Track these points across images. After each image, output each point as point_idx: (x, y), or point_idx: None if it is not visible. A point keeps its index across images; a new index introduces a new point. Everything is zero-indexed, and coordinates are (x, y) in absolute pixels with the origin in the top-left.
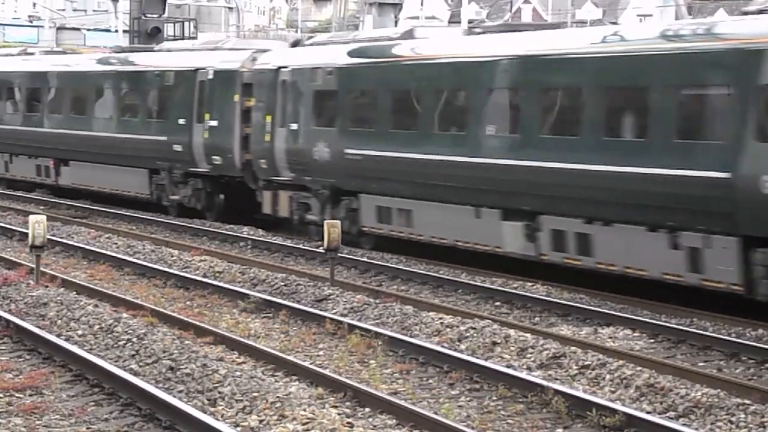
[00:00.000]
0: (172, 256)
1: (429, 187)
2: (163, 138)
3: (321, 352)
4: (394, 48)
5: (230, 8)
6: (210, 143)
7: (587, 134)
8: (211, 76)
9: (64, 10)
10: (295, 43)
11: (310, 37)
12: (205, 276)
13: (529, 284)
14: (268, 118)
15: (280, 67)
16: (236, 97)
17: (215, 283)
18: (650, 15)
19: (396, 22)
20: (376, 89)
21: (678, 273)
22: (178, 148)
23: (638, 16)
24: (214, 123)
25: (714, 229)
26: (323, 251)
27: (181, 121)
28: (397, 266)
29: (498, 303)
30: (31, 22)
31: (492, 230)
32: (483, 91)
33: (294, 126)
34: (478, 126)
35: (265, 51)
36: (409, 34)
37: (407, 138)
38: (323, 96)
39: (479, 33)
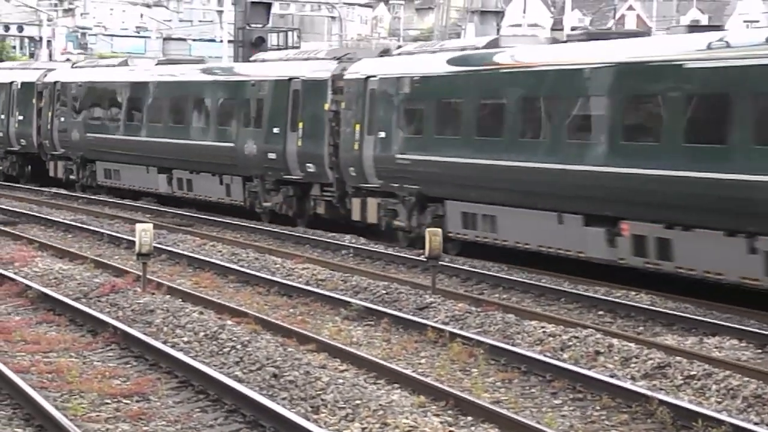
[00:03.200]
0: (275, 264)
1: (129, 156)
2: None
3: (423, 360)
4: (108, 73)
5: (333, 18)
6: (19, 131)
7: (197, 125)
8: (19, 86)
9: (170, 20)
10: (73, 64)
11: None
12: (307, 284)
13: (633, 293)
14: (49, 113)
15: (56, 81)
16: (34, 100)
17: (318, 290)
18: (757, 21)
19: (498, 30)
20: (86, 97)
21: (222, 197)
22: (0, 134)
23: (745, 22)
24: (21, 117)
25: (232, 173)
26: (425, 259)
27: (2, 116)
28: (498, 274)
29: (601, 312)
30: (138, 33)
31: (153, 179)
32: (146, 100)
33: (63, 119)
34: (145, 119)
35: (52, 70)
36: (123, 63)
37: (115, 126)
38: (73, 100)
39: (164, 64)
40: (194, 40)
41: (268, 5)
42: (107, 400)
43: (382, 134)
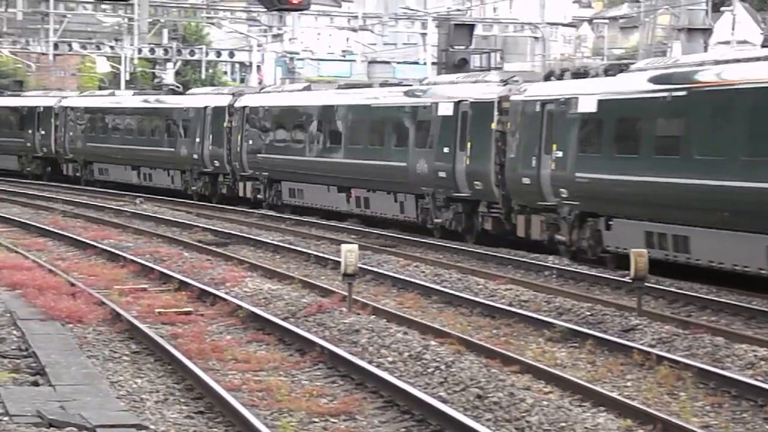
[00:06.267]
0: (478, 285)
1: (114, 159)
2: None
3: (629, 383)
4: (99, 100)
5: (536, 38)
6: (41, 142)
7: (122, 141)
8: (41, 110)
9: (375, 44)
10: (81, 93)
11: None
12: (510, 305)
13: None
14: (63, 128)
15: (66, 106)
16: (52, 119)
17: (521, 312)
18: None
19: (705, 48)
20: (84, 117)
21: (169, 185)
22: (28, 144)
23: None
24: (43, 132)
25: (178, 169)
26: (630, 281)
27: (30, 132)
28: (706, 296)
29: None
30: (344, 56)
31: (128, 174)
32: (119, 121)
33: (71, 132)
34: (122, 133)
35: (65, 97)
36: (111, 93)
37: (104, 138)
38: (75, 119)
39: (140, 94)
40: (398, 62)
41: (472, 27)
42: (315, 418)
43: (251, 141)
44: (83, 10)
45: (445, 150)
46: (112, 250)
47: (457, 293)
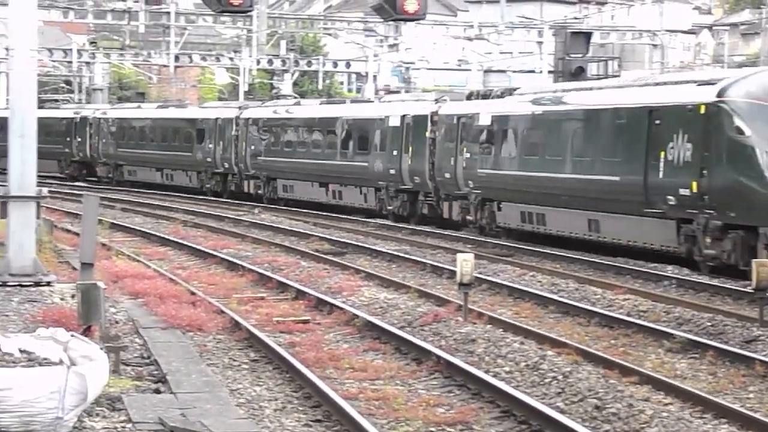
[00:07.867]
0: (595, 295)
1: (141, 162)
2: None
3: (751, 395)
4: (134, 112)
5: (654, 45)
6: (78, 148)
7: (149, 145)
8: (78, 120)
9: (490, 53)
10: (113, 106)
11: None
12: (628, 315)
13: None
14: (97, 136)
15: (93, 116)
16: (87, 128)
17: (639, 322)
18: None
19: None
20: (117, 127)
21: (189, 183)
22: (66, 150)
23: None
24: (79, 140)
25: (198, 170)
26: (752, 291)
27: (68, 139)
28: None
29: None
30: (459, 66)
31: (153, 174)
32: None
33: (104, 140)
34: (148, 140)
35: (101, 109)
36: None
37: (138, 144)
38: (108, 130)
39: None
40: (514, 71)
41: (588, 35)
42: (432, 428)
43: (253, 147)
44: (203, 22)
45: (394, 153)
46: (231, 259)
47: (574, 303)
